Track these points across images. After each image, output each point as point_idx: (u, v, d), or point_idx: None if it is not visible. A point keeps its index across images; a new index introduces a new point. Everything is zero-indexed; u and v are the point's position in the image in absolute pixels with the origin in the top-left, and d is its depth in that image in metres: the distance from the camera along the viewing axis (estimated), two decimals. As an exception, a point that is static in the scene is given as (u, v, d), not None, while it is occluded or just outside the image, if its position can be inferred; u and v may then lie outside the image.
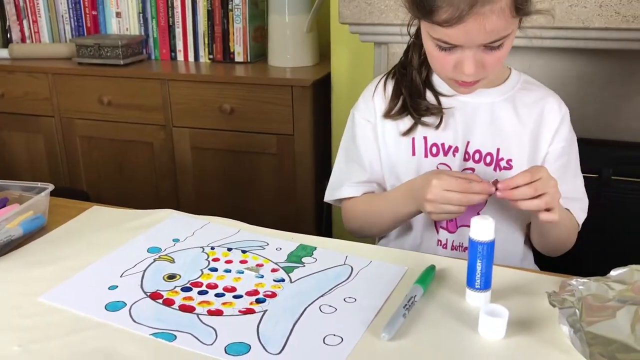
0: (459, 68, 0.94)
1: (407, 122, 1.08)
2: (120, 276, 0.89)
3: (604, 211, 1.35)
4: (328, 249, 0.96)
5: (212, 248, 0.97)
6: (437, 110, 1.06)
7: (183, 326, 0.77)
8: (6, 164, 2.52)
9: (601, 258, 1.09)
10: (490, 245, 0.78)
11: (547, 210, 0.90)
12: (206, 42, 2.29)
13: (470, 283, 0.81)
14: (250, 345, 0.73)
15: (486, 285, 0.80)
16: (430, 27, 0.92)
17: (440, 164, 1.07)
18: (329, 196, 1.17)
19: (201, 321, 0.78)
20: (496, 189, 0.90)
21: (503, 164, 1.06)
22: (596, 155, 1.43)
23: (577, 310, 0.75)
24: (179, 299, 0.83)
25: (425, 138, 1.08)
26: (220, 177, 2.17)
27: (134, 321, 0.78)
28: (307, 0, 2.08)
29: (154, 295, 0.84)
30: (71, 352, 0.73)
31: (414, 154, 1.08)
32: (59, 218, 1.08)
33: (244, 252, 0.96)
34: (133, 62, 2.32)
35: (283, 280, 0.88)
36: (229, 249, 0.96)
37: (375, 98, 1.12)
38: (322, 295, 0.84)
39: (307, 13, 2.07)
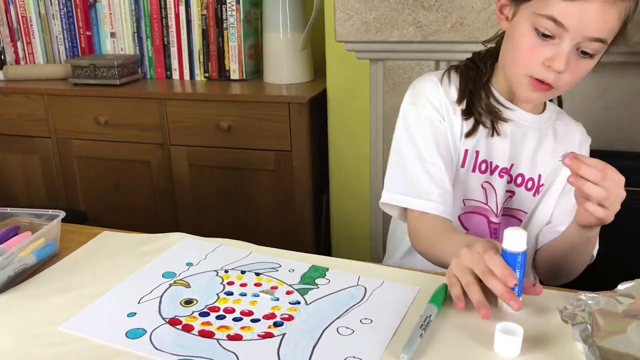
0: (549, 61, 0.93)
1: (469, 122, 1.07)
2: (138, 302, 0.90)
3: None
4: (340, 270, 0.98)
5: (226, 271, 0.98)
6: (495, 116, 1.06)
7: (204, 352, 0.78)
8: (2, 186, 2.51)
9: (603, 271, 1.12)
10: (525, 254, 0.81)
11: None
12: (201, 60, 2.31)
13: None
14: (272, 370, 0.75)
15: (519, 293, 0.83)
16: (544, 2, 0.91)
17: (486, 182, 1.11)
18: (391, 199, 1.08)
19: (221, 346, 0.79)
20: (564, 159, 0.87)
21: (543, 190, 1.10)
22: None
23: (588, 326, 0.78)
24: (197, 324, 0.84)
25: (477, 152, 1.09)
26: (219, 194, 2.19)
27: (156, 348, 0.79)
28: (301, 17, 2.11)
29: (173, 321, 0.85)
30: (96, 382, 0.74)
31: (463, 165, 1.09)
32: (70, 244, 1.09)
33: (257, 274, 0.97)
34: (129, 82, 2.33)
35: (299, 302, 0.89)
36: (243, 272, 0.98)
37: (443, 86, 1.08)
38: (338, 317, 0.85)
39: (302, 30, 2.10)
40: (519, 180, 1.11)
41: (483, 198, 1.13)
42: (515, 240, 0.81)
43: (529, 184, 1.11)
